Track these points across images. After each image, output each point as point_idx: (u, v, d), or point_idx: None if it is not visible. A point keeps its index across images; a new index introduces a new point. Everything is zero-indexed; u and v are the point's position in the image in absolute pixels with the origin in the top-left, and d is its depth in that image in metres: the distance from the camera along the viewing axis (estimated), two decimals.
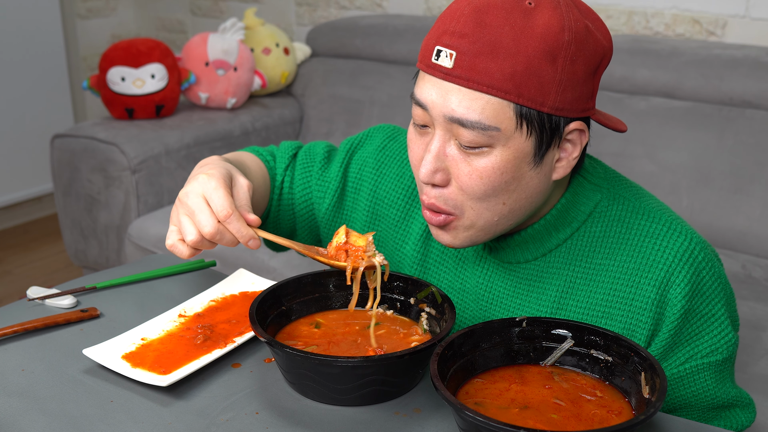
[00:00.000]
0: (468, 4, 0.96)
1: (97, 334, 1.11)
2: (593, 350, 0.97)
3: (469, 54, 0.93)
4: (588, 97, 0.98)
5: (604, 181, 1.10)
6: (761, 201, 2.19)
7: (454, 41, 0.94)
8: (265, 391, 0.99)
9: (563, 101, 0.95)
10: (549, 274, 1.09)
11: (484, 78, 0.93)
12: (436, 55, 0.96)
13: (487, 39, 0.93)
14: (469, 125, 0.95)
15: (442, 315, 1.03)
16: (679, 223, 1.07)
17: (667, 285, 1.03)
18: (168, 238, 1.06)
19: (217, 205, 1.03)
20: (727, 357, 1.06)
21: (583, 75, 0.96)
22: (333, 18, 3.39)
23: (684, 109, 2.35)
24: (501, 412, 0.89)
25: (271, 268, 2.23)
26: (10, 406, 0.96)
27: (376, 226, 1.22)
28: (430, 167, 0.99)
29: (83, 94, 3.85)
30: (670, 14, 2.65)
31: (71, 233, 2.74)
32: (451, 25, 0.95)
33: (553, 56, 0.93)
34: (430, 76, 0.97)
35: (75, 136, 2.64)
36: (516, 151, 0.97)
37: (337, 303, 1.12)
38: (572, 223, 1.07)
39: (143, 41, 2.73)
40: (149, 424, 0.93)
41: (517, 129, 0.95)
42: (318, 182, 1.26)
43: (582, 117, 0.99)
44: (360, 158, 1.25)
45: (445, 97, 0.96)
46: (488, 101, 0.94)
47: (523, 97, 0.93)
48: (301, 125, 3.06)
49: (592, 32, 0.96)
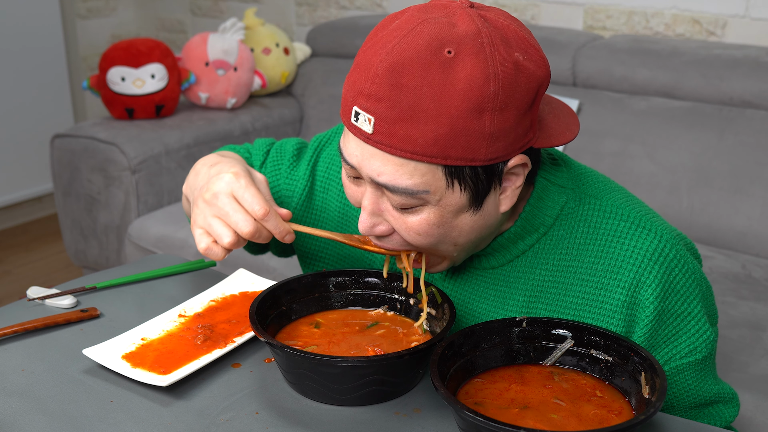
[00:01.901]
0: (381, 60, 0.88)
1: (97, 334, 1.11)
2: (593, 350, 0.97)
3: (387, 120, 0.87)
4: (525, 132, 0.92)
5: (569, 181, 1.05)
6: (761, 201, 2.19)
7: (371, 105, 0.88)
8: (265, 391, 0.99)
9: (496, 151, 0.89)
10: (516, 279, 1.06)
11: (406, 145, 0.87)
12: (355, 116, 0.90)
13: (405, 103, 0.86)
14: (397, 191, 0.91)
15: (442, 315, 1.03)
16: (649, 219, 1.03)
17: (638, 286, 1.00)
18: (200, 243, 1.02)
19: (252, 204, 1.00)
20: (706, 355, 1.03)
21: (515, 119, 0.89)
22: (333, 18, 3.39)
23: (684, 109, 2.35)
24: (501, 412, 0.89)
25: (271, 268, 2.23)
26: (10, 406, 0.96)
27: (347, 227, 1.19)
28: (368, 223, 0.96)
29: (83, 94, 3.85)
30: (670, 14, 2.65)
31: (71, 233, 2.74)
32: (366, 86, 0.88)
33: (480, 111, 0.86)
34: (352, 135, 0.93)
35: (75, 136, 2.64)
36: (450, 206, 0.93)
37: (338, 303, 1.12)
38: (539, 228, 1.04)
39: (143, 41, 2.73)
40: (149, 424, 0.93)
41: (448, 188, 0.91)
42: (286, 180, 1.22)
43: (522, 151, 0.93)
44: (328, 156, 1.20)
45: (369, 161, 0.91)
46: (415, 166, 0.89)
47: (451, 158, 0.88)
48: (301, 125, 3.06)
49: (522, 68, 0.89)
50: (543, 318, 0.99)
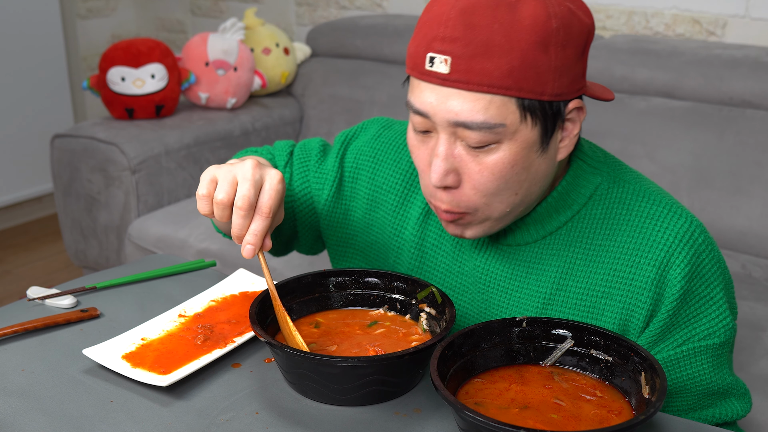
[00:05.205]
0: (452, 7, 0.96)
1: (97, 334, 1.11)
2: (593, 350, 0.97)
3: (464, 57, 0.94)
4: (581, 76, 1.00)
5: (603, 165, 1.11)
6: (761, 201, 2.19)
7: (447, 46, 0.95)
8: (265, 391, 0.99)
9: (561, 86, 0.97)
10: (549, 255, 1.09)
11: (483, 79, 0.94)
12: (430, 62, 0.96)
13: (480, 40, 0.93)
14: (475, 127, 0.96)
15: (442, 315, 1.03)
16: (679, 206, 1.08)
17: (667, 265, 1.04)
18: (200, 189, 1.00)
19: (264, 198, 0.99)
20: (724, 341, 1.06)
21: (574, 57, 0.97)
22: (333, 18, 3.39)
23: (684, 109, 2.35)
24: (501, 412, 0.89)
25: (271, 268, 2.23)
26: (10, 406, 0.96)
27: (375, 212, 1.22)
28: (441, 171, 0.99)
29: (83, 94, 3.85)
30: (670, 14, 2.65)
31: (71, 233, 2.74)
32: (440, 31, 0.95)
33: (545, 45, 0.94)
34: (426, 83, 0.98)
35: (75, 136, 2.64)
36: (523, 142, 0.98)
37: (338, 303, 1.12)
38: (572, 205, 1.09)
39: (143, 41, 2.73)
40: (149, 424, 0.93)
41: (522, 121, 0.97)
42: (316, 174, 1.26)
43: (578, 96, 1.01)
44: (355, 148, 1.25)
45: (445, 103, 0.96)
46: (490, 100, 0.95)
47: (524, 90, 0.95)
48: (301, 125, 3.06)
49: (575, 14, 0.97)
50: (543, 318, 0.99)
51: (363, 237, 1.24)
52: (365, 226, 1.23)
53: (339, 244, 1.27)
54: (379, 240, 1.23)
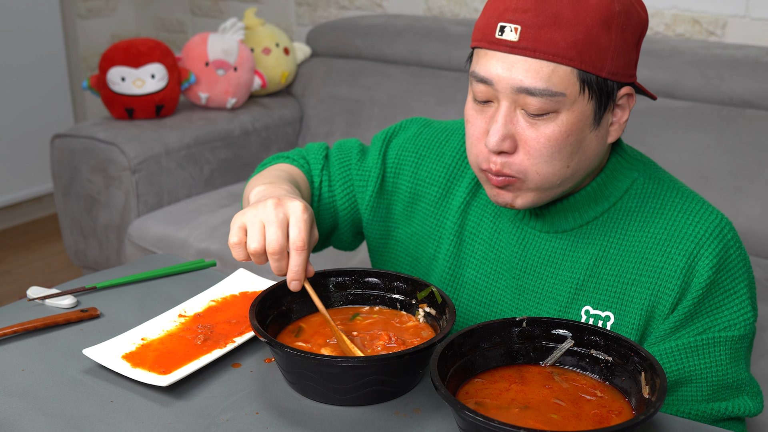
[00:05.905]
0: None
1: (97, 334, 1.11)
2: (593, 350, 0.97)
3: (533, 27, 1.00)
4: (634, 64, 1.06)
5: (639, 162, 1.17)
6: (761, 201, 2.19)
7: (518, 16, 1.01)
8: (265, 391, 0.99)
9: (618, 66, 1.03)
10: (584, 244, 1.14)
11: (549, 48, 1.00)
12: (500, 31, 1.02)
13: (549, 12, 1.00)
14: (538, 93, 1.01)
15: (442, 315, 1.04)
16: (710, 205, 1.13)
17: (697, 256, 1.08)
18: (231, 236, 1.02)
19: (294, 234, 1.01)
20: (743, 335, 1.09)
21: (631, 42, 1.04)
22: (333, 18, 3.39)
23: (684, 109, 2.35)
24: (501, 412, 0.89)
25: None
26: (10, 406, 0.96)
27: (417, 204, 1.27)
28: (499, 135, 1.04)
29: (83, 94, 3.85)
30: (670, 14, 2.65)
31: (71, 233, 2.74)
32: (512, 3, 1.02)
33: (608, 24, 1.01)
34: (494, 51, 1.03)
35: (75, 136, 2.64)
36: (579, 114, 1.03)
37: (338, 303, 1.12)
38: (609, 197, 1.14)
39: (143, 41, 2.73)
40: (149, 424, 0.93)
41: (580, 93, 1.02)
42: (358, 173, 1.31)
43: (629, 83, 1.07)
44: (397, 145, 1.31)
45: (511, 70, 1.02)
46: (554, 69, 1.00)
47: (585, 63, 1.01)
48: (301, 125, 3.06)
49: (634, 5, 1.04)
50: (543, 318, 0.99)
51: (404, 229, 1.29)
52: (407, 218, 1.28)
53: (381, 237, 1.31)
54: (419, 231, 1.27)
